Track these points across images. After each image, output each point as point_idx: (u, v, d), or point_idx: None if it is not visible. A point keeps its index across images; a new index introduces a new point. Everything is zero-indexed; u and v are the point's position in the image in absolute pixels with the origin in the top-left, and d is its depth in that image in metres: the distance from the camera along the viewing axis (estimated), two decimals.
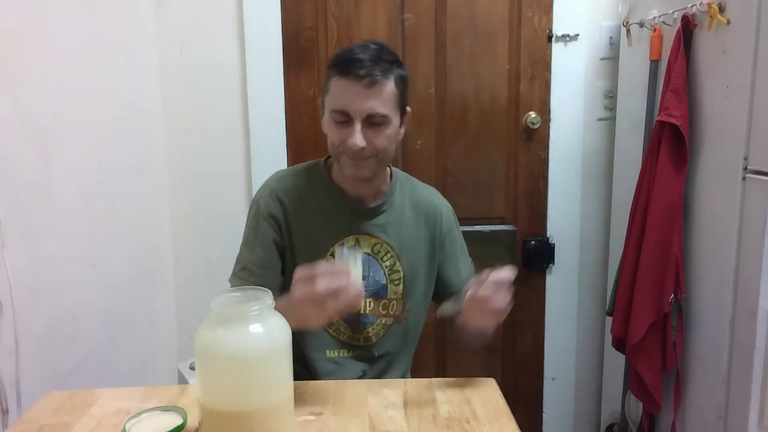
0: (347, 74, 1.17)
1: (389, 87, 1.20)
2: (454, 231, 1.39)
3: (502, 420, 1.03)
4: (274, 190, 1.31)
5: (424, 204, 1.36)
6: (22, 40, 1.25)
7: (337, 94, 1.20)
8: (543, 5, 2.03)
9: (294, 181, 1.32)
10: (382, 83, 1.18)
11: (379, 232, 1.31)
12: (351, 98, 1.17)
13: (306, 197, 1.31)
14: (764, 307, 1.27)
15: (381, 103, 1.19)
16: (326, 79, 1.24)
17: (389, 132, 1.22)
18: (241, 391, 0.90)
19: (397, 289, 1.32)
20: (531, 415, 2.23)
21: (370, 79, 1.16)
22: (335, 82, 1.20)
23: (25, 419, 1.06)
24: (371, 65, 1.17)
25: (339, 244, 1.29)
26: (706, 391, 1.45)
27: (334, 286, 0.97)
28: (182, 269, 2.06)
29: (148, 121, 1.93)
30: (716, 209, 1.41)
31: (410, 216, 1.34)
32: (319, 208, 1.30)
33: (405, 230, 1.33)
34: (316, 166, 1.35)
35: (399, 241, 1.32)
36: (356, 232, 1.30)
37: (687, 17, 1.48)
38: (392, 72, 1.20)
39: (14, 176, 1.21)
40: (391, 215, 1.32)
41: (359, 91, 1.17)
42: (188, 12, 1.97)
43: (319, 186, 1.32)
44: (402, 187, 1.36)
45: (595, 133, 2.09)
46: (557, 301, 2.17)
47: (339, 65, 1.19)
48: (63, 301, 1.37)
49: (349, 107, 1.18)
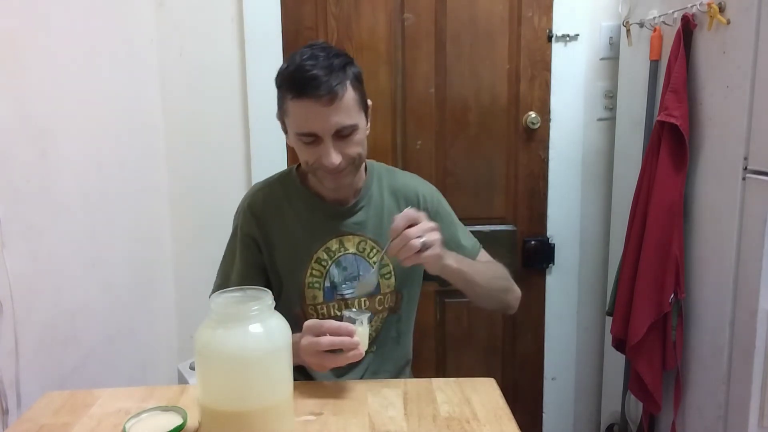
0: (304, 96, 1.12)
1: (349, 95, 1.15)
2: (441, 210, 1.37)
3: (502, 420, 1.03)
4: (250, 207, 1.31)
5: (403, 189, 1.35)
6: (22, 40, 1.25)
7: (299, 117, 1.16)
8: (543, 5, 2.03)
9: (269, 194, 1.32)
10: (341, 95, 1.13)
11: (361, 230, 1.30)
12: (315, 119, 1.14)
13: (283, 208, 1.30)
14: (764, 307, 1.27)
15: (346, 115, 1.15)
16: (281, 100, 1.19)
17: (359, 137, 1.20)
18: (241, 391, 0.90)
19: (389, 282, 1.32)
20: (531, 415, 2.23)
21: (329, 96, 1.12)
22: (294, 105, 1.15)
23: (25, 419, 1.06)
24: (326, 78, 1.12)
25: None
26: (706, 391, 1.45)
27: (337, 344, 1.06)
28: (182, 269, 2.06)
29: (148, 121, 1.93)
30: (716, 209, 1.41)
31: (390, 205, 1.33)
32: (297, 218, 1.29)
33: (387, 221, 1.30)
34: (290, 175, 1.34)
35: (381, 235, 1.30)
36: (338, 234, 1.29)
37: (687, 17, 1.48)
38: (347, 77, 1.15)
39: (14, 176, 1.21)
40: (370, 210, 1.31)
41: (321, 111, 1.13)
42: (188, 12, 1.97)
43: (294, 195, 1.31)
44: (380, 178, 1.35)
45: (595, 133, 2.09)
46: (557, 301, 2.17)
47: (293, 87, 1.14)
48: (63, 301, 1.37)
49: (315, 128, 1.14)
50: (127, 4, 1.79)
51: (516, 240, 2.14)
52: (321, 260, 1.29)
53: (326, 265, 1.29)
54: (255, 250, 1.30)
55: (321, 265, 1.29)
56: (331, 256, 1.29)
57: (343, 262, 1.29)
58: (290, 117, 1.18)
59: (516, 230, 2.14)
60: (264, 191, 1.33)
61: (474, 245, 1.39)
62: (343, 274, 1.29)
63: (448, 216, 1.38)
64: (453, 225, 1.38)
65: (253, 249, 1.30)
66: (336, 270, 1.29)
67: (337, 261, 1.29)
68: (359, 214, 1.31)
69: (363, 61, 2.00)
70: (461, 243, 1.36)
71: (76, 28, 1.47)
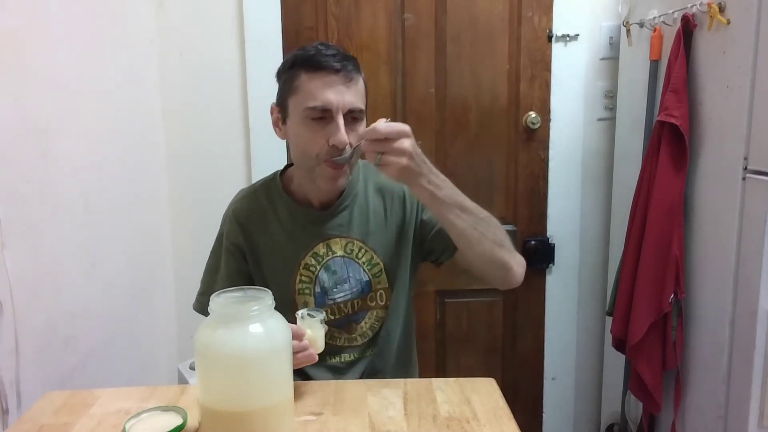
0: (322, 69, 1.13)
1: (361, 84, 1.19)
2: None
3: (502, 420, 1.03)
4: (235, 214, 1.30)
5: (389, 187, 1.32)
6: (22, 40, 1.25)
7: (314, 91, 1.14)
8: (543, 5, 2.03)
9: (254, 200, 1.31)
10: (356, 79, 1.17)
11: (346, 231, 1.28)
12: (332, 93, 1.13)
13: (267, 215, 1.29)
14: (764, 307, 1.27)
15: (359, 99, 1.17)
16: (290, 80, 1.18)
17: (363, 129, 1.18)
18: (241, 391, 0.90)
19: (380, 280, 1.30)
20: (531, 415, 2.23)
21: (346, 74, 1.14)
22: (309, 79, 1.15)
23: (25, 419, 1.05)
24: (345, 62, 1.15)
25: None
26: (706, 391, 1.45)
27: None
28: (182, 269, 2.06)
29: (148, 121, 1.93)
30: (716, 209, 1.41)
31: (376, 202, 1.31)
32: (280, 226, 1.28)
33: (373, 219, 1.30)
34: (273, 181, 1.33)
35: (368, 234, 1.29)
36: (324, 238, 1.28)
37: (687, 17, 1.48)
38: (360, 73, 1.19)
39: (14, 176, 1.21)
40: (355, 209, 1.29)
41: (339, 86, 1.13)
42: (188, 12, 1.97)
43: (278, 202, 1.30)
44: (365, 176, 1.33)
45: (595, 133, 2.09)
46: (557, 301, 2.17)
47: (312, 62, 1.15)
48: (63, 301, 1.37)
49: (331, 101, 1.13)
50: (127, 5, 1.79)
51: (516, 240, 2.14)
52: (309, 266, 1.27)
53: (315, 270, 1.28)
54: (240, 259, 1.29)
55: (310, 270, 1.28)
56: (320, 261, 1.27)
57: (332, 265, 1.28)
58: (301, 93, 1.16)
59: (516, 230, 2.14)
60: (248, 198, 1.32)
61: None
62: (333, 278, 1.28)
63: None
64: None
65: (238, 257, 1.29)
66: (326, 275, 1.28)
67: (326, 265, 1.28)
68: (343, 214, 1.29)
69: (363, 61, 1.98)
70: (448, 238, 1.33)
71: (76, 29, 1.47)
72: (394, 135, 1.02)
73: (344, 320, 1.30)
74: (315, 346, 1.07)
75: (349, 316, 1.30)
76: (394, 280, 1.32)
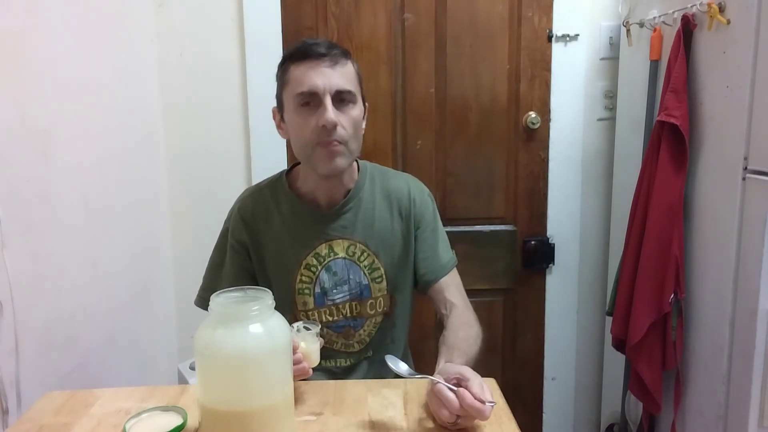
0: (307, 57, 1.18)
1: (350, 67, 1.22)
2: (427, 215, 1.34)
3: (502, 420, 1.03)
4: (240, 212, 1.31)
5: (396, 192, 1.33)
6: (22, 40, 1.25)
7: (300, 77, 1.18)
8: (543, 5, 2.03)
9: (259, 199, 1.32)
10: (344, 63, 1.20)
11: (349, 233, 1.28)
12: (317, 76, 1.17)
13: (272, 213, 1.30)
14: (764, 307, 1.27)
15: (346, 80, 1.20)
16: (282, 76, 1.24)
17: (356, 113, 1.21)
18: (241, 391, 0.90)
19: (380, 286, 1.30)
20: (531, 415, 2.23)
21: (331, 58, 1.18)
22: (295, 70, 1.19)
23: (25, 419, 1.05)
24: (330, 49, 1.19)
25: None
26: (706, 391, 1.45)
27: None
28: (182, 269, 2.06)
29: (148, 121, 1.93)
30: (716, 209, 1.41)
31: (383, 207, 1.31)
32: (284, 225, 1.29)
33: (378, 224, 1.30)
34: (279, 180, 1.34)
35: (371, 237, 1.29)
36: (327, 239, 1.28)
37: (687, 17, 1.48)
38: (348, 58, 1.22)
39: (14, 176, 1.21)
40: (360, 211, 1.30)
41: (323, 69, 1.17)
42: (188, 12, 1.97)
43: (283, 200, 1.30)
44: (372, 179, 1.33)
45: (595, 133, 2.09)
46: (557, 301, 2.17)
47: (296, 53, 1.20)
48: (63, 301, 1.37)
49: (317, 85, 1.17)
50: (127, 4, 1.79)
51: (516, 240, 2.14)
52: (310, 266, 1.28)
53: (316, 270, 1.28)
54: (245, 256, 1.30)
55: (311, 270, 1.28)
56: (321, 262, 1.28)
57: (333, 267, 1.28)
58: (291, 83, 1.20)
59: (516, 230, 2.14)
60: (254, 197, 1.33)
61: (449, 261, 1.34)
62: (334, 279, 1.28)
63: (432, 222, 1.35)
64: (435, 233, 1.35)
65: (242, 255, 1.30)
66: (326, 275, 1.28)
67: (327, 266, 1.28)
68: (347, 216, 1.29)
69: (363, 61, 2.00)
70: (438, 254, 1.33)
71: (76, 29, 1.47)
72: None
73: (343, 325, 1.30)
74: (309, 360, 1.06)
75: (348, 321, 1.30)
76: (395, 287, 1.32)
